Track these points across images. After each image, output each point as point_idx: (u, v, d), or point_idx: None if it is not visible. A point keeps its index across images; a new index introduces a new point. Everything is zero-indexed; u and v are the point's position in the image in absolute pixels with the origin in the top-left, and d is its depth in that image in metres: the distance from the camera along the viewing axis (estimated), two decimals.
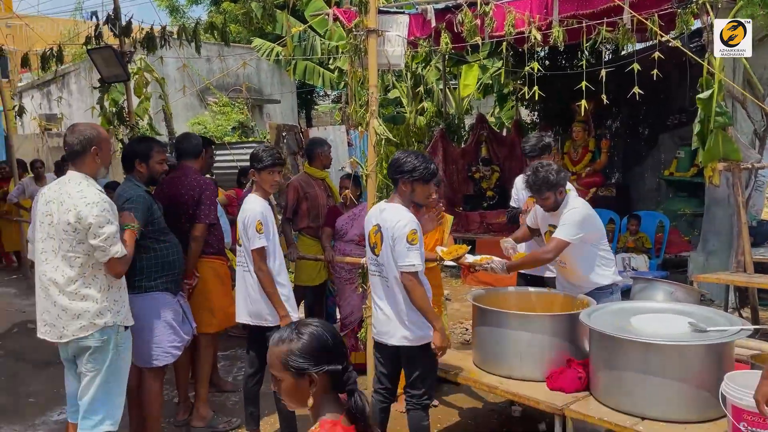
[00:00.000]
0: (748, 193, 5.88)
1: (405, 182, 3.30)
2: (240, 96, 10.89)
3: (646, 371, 2.88)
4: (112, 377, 3.11)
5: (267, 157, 3.72)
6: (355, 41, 4.44)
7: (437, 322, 3.18)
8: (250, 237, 3.62)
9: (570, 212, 3.70)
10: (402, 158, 3.33)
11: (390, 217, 3.26)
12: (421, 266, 3.17)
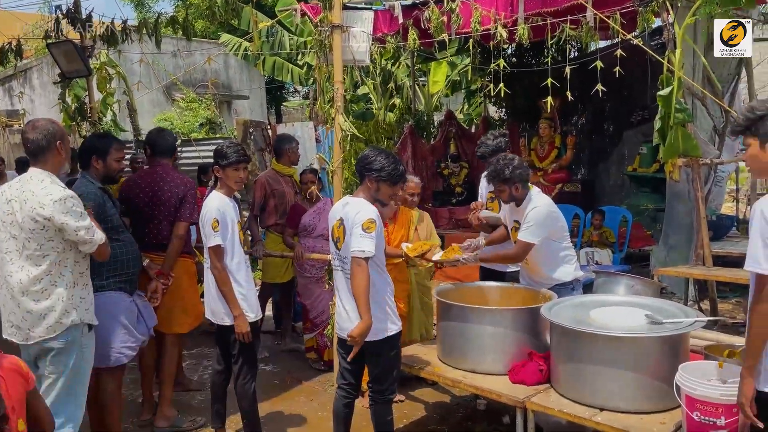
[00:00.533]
0: (708, 188, 6.01)
1: (371, 180, 3.32)
2: (207, 92, 10.76)
3: (604, 363, 2.94)
4: (75, 379, 3.05)
5: (232, 154, 3.67)
6: (320, 37, 4.44)
7: (366, 315, 3.15)
8: (206, 235, 3.59)
9: (533, 211, 3.74)
10: (372, 156, 3.34)
11: (352, 210, 3.28)
12: (371, 253, 3.14)
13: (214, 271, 3.59)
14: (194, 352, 5.68)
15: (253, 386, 3.74)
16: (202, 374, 5.18)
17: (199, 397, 4.69)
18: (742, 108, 6.58)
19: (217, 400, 3.87)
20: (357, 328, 3.16)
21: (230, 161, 3.66)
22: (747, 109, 2.40)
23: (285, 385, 4.95)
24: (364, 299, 3.15)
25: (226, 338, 3.75)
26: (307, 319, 5.28)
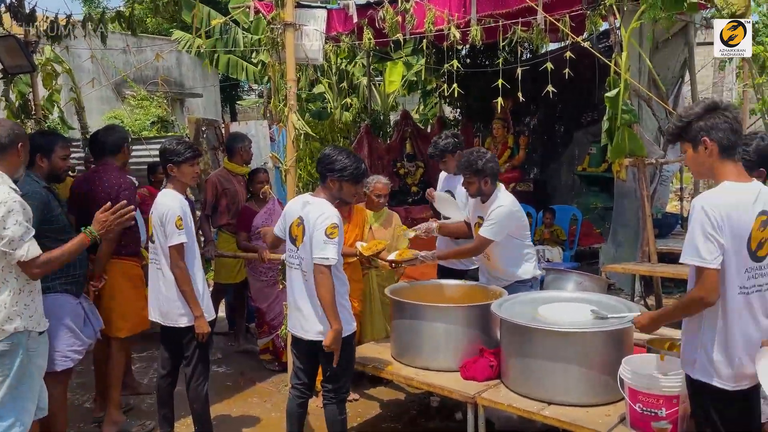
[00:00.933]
0: (654, 187, 6.20)
1: (333, 180, 3.30)
2: (159, 90, 10.53)
3: (551, 358, 3.01)
4: (22, 381, 2.92)
5: (186, 150, 3.63)
6: (273, 35, 4.41)
7: (335, 322, 3.15)
8: (168, 233, 3.51)
9: (497, 210, 3.81)
10: (333, 155, 3.32)
11: (313, 211, 3.26)
12: (335, 260, 3.17)
13: (175, 270, 3.53)
14: (144, 355, 5.57)
15: (205, 388, 3.70)
16: (152, 377, 5.07)
17: (148, 400, 4.59)
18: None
19: (164, 404, 3.80)
20: (328, 337, 3.16)
21: (186, 157, 3.61)
22: (676, 119, 2.51)
23: (238, 387, 4.90)
24: (331, 306, 3.16)
25: (177, 340, 3.68)
26: (263, 323, 5.22)
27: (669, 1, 4.87)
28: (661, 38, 6.01)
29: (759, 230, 2.32)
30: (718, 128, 2.38)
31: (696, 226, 2.33)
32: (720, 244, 2.28)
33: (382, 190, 4.58)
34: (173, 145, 3.65)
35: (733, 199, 2.33)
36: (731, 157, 2.40)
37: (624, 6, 5.39)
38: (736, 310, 2.34)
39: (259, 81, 10.85)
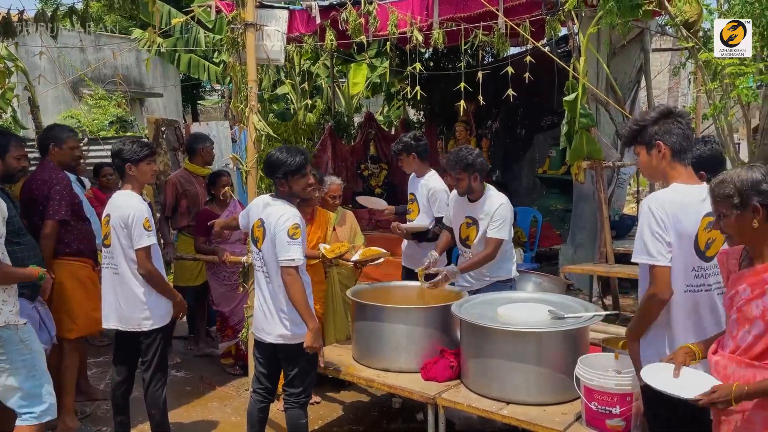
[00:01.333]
0: (611, 190, 6.34)
1: (279, 180, 3.29)
2: (118, 89, 10.30)
3: (509, 358, 3.05)
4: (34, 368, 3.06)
5: (143, 148, 3.57)
6: (233, 35, 4.35)
7: (311, 321, 3.16)
8: (135, 235, 3.44)
9: (501, 208, 3.84)
10: (271, 158, 3.31)
11: (274, 212, 3.24)
12: (301, 261, 3.16)
13: (145, 273, 3.47)
14: (101, 360, 5.44)
15: (164, 393, 3.65)
16: (108, 383, 4.95)
17: (104, 406, 4.49)
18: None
19: (119, 411, 3.72)
20: (308, 338, 3.15)
21: (144, 155, 3.56)
22: (632, 122, 2.59)
23: (198, 391, 4.83)
24: (304, 307, 3.14)
25: (136, 345, 3.62)
26: (226, 327, 5.15)
27: (625, 8, 4.99)
28: (617, 44, 6.15)
29: (705, 231, 2.39)
30: (671, 133, 2.45)
31: (644, 226, 2.39)
32: (667, 242, 2.35)
33: (336, 191, 4.59)
34: (128, 144, 3.58)
35: (679, 198, 2.40)
36: (682, 161, 2.47)
37: (582, 12, 5.51)
38: (683, 308, 2.41)
39: (221, 81, 10.73)
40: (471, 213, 3.97)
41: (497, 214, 3.84)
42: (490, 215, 3.86)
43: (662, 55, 14.29)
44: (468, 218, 3.99)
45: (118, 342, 3.70)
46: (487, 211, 3.88)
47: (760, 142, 5.24)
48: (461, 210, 4.06)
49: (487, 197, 3.93)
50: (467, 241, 4.02)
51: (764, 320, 2.05)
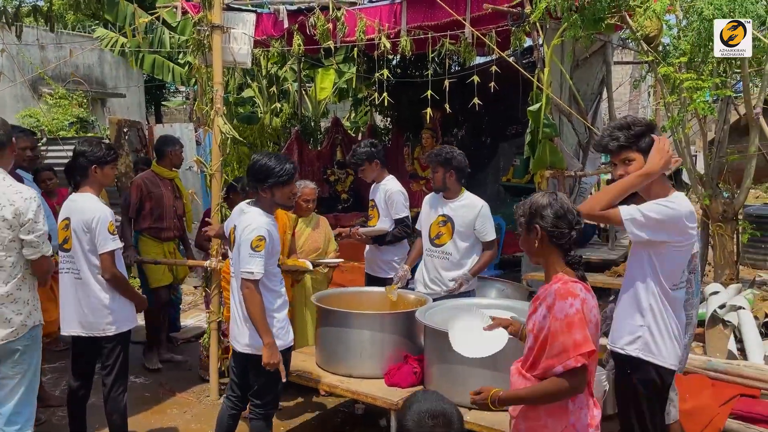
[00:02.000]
0: (573, 199, 6.47)
1: (264, 189, 3.19)
2: (79, 88, 10.06)
3: (472, 363, 3.06)
4: (35, 377, 3.08)
5: (110, 151, 3.54)
6: (200, 37, 4.32)
7: (266, 336, 3.07)
8: (100, 239, 3.37)
9: (485, 209, 4.01)
10: (259, 163, 3.19)
11: (244, 221, 3.18)
12: (260, 274, 3.08)
13: (110, 278, 3.41)
14: (57, 365, 5.30)
15: (125, 399, 3.58)
16: (64, 389, 4.82)
17: (60, 413, 4.37)
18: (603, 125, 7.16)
19: (76, 417, 3.64)
20: (264, 354, 3.07)
21: (110, 158, 3.52)
22: (623, 126, 2.55)
23: (157, 397, 4.74)
24: (259, 321, 3.07)
25: (97, 350, 3.54)
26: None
27: (588, 21, 5.11)
28: (581, 56, 6.28)
29: None
30: None
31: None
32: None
33: (309, 194, 4.55)
34: (95, 146, 3.52)
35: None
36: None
37: (547, 24, 5.62)
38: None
39: (186, 83, 10.59)
40: (446, 211, 4.02)
41: (482, 214, 3.98)
42: (474, 216, 3.95)
43: (624, 68, 14.65)
44: (442, 216, 4.03)
45: (76, 348, 3.61)
46: (467, 211, 3.95)
47: (716, 154, 5.43)
48: (435, 207, 4.09)
49: (465, 198, 4.02)
50: (437, 240, 4.04)
51: (533, 334, 2.18)
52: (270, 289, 3.21)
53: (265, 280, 3.16)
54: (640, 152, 2.51)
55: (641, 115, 16.71)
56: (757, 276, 6.38)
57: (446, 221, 4.00)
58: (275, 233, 3.20)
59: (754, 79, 5.66)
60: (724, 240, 5.22)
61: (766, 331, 4.59)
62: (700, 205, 5.48)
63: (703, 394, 3.64)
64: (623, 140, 2.53)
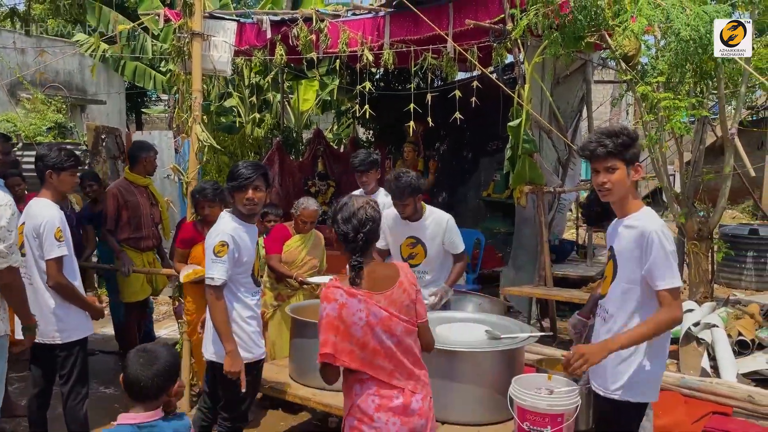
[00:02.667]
0: (552, 215, 6.50)
1: (229, 194, 3.21)
2: (58, 94, 9.93)
3: (444, 377, 3.05)
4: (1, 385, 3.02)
5: (69, 158, 3.45)
6: (179, 44, 4.29)
7: (228, 344, 3.00)
8: (46, 245, 3.30)
9: (450, 221, 3.96)
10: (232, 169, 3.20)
11: (215, 227, 3.16)
12: (221, 280, 3.01)
13: (56, 285, 3.34)
14: (24, 374, 5.16)
15: (84, 408, 3.49)
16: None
17: (25, 423, 4.24)
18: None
19: (36, 426, 3.55)
20: (225, 362, 3.00)
21: (68, 165, 3.44)
22: (612, 133, 2.49)
23: (127, 409, 4.62)
24: (221, 328, 3.00)
25: (52, 358, 3.47)
26: None
27: (568, 40, 5.18)
28: (561, 74, 6.36)
29: None
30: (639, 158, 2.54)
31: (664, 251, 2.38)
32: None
33: (308, 216, 4.56)
34: (54, 151, 3.47)
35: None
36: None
37: (528, 41, 5.68)
38: None
39: (167, 90, 10.52)
40: (413, 233, 3.99)
41: (449, 226, 3.95)
42: (442, 231, 3.92)
43: (605, 88, 14.87)
44: (410, 238, 4.01)
45: (34, 354, 3.54)
46: (435, 228, 3.92)
47: (691, 173, 5.49)
48: (401, 230, 4.06)
49: (430, 215, 3.98)
50: (410, 261, 4.02)
51: None
52: (239, 299, 3.13)
53: (233, 288, 3.10)
54: (624, 162, 2.47)
55: None
56: (731, 295, 6.44)
57: (416, 242, 3.99)
58: (245, 241, 3.12)
59: (730, 100, 5.76)
60: (699, 258, 5.26)
61: (739, 350, 4.63)
62: (675, 223, 5.53)
63: (676, 411, 3.65)
64: (611, 147, 2.46)
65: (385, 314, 2.34)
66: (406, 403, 2.37)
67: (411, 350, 2.43)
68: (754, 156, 9.89)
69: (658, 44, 5.21)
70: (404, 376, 2.40)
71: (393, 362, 2.38)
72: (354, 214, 2.34)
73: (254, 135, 9.19)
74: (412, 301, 2.42)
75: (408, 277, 2.44)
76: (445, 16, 5.84)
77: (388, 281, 2.39)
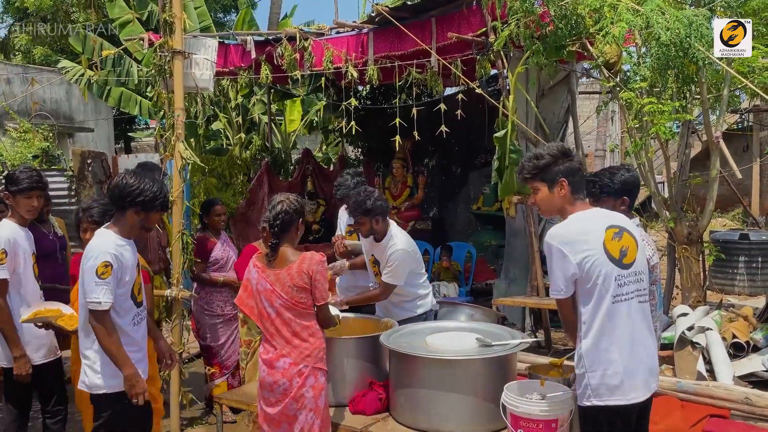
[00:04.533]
0: (542, 225, 6.48)
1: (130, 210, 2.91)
2: (45, 122, 9.91)
3: (436, 386, 2.99)
4: None
5: (24, 179, 3.38)
6: (160, 62, 4.27)
7: (125, 368, 2.81)
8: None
9: (395, 254, 3.74)
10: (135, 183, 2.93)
11: (92, 244, 2.89)
12: (108, 305, 2.77)
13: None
14: None
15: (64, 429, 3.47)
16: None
17: None
18: None
19: None
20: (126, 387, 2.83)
21: (21, 187, 3.38)
22: (533, 157, 2.62)
23: None
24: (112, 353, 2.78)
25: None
26: (214, 364, 4.87)
27: (550, 49, 5.21)
28: (546, 85, 6.38)
29: (613, 240, 2.51)
30: (573, 172, 2.56)
31: (550, 261, 2.52)
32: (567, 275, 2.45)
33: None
34: (16, 173, 3.44)
35: (576, 225, 2.52)
36: (579, 197, 2.59)
37: (510, 52, 5.71)
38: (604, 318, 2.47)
39: (153, 115, 10.54)
40: (375, 253, 3.94)
41: (392, 258, 3.75)
42: (387, 256, 3.78)
43: (591, 101, 14.97)
44: (372, 257, 3.99)
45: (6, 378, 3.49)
46: (388, 254, 3.78)
47: (678, 178, 5.50)
48: (368, 248, 4.04)
49: (389, 238, 3.84)
50: (376, 278, 4.01)
51: None
52: (118, 324, 2.86)
53: (117, 312, 2.86)
54: (545, 183, 2.57)
55: (607, 142, 17.02)
56: (724, 300, 6.42)
57: (375, 263, 3.95)
58: (127, 259, 2.87)
59: (714, 104, 5.80)
60: (690, 262, 5.24)
61: (734, 352, 4.59)
62: (665, 228, 5.52)
63: (673, 416, 3.59)
64: (526, 172, 2.62)
65: (269, 288, 2.97)
66: (273, 359, 2.99)
67: (289, 323, 2.97)
68: (740, 160, 9.94)
69: (639, 51, 5.24)
70: (282, 341, 2.99)
71: (273, 327, 3.01)
72: (274, 207, 3.03)
73: (242, 156, 9.17)
74: (300, 286, 2.93)
75: (303, 266, 2.94)
76: (428, 30, 5.87)
77: (285, 263, 2.97)
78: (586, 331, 2.49)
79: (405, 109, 6.24)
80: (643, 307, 2.56)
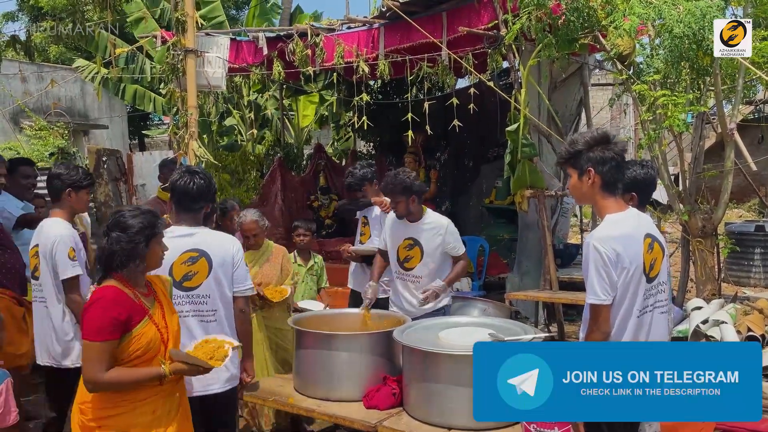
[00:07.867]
0: (555, 219, 6.46)
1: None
2: (60, 120, 10.03)
3: (450, 381, 3.01)
4: None
5: (87, 176, 3.51)
6: (173, 61, 4.32)
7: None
8: (60, 265, 3.29)
9: (450, 226, 3.92)
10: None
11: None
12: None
13: (72, 305, 3.31)
14: (31, 398, 5.15)
15: None
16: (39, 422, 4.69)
17: None
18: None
19: None
20: None
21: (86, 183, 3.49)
22: (569, 143, 2.59)
23: None
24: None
25: (66, 382, 3.44)
26: None
27: (562, 42, 5.18)
28: (558, 78, 6.35)
29: (648, 253, 2.47)
30: (604, 162, 2.46)
31: (590, 265, 2.42)
32: (613, 281, 2.38)
33: (247, 230, 4.17)
34: (72, 169, 3.48)
35: (618, 231, 2.43)
36: (613, 193, 2.50)
37: (522, 45, 5.69)
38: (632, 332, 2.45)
39: (167, 112, 10.63)
40: (412, 234, 3.96)
41: (450, 231, 3.91)
42: (441, 234, 3.89)
43: (605, 94, 14.86)
44: (408, 239, 3.98)
45: (48, 378, 3.53)
46: (434, 231, 3.89)
47: (692, 170, 5.45)
48: (400, 232, 4.03)
49: (429, 218, 3.95)
50: (406, 263, 4.00)
51: None
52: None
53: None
54: (575, 170, 2.52)
55: (623, 135, 16.87)
56: (739, 293, 6.37)
57: (413, 244, 3.95)
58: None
59: (729, 95, 5.73)
60: (704, 255, 5.20)
61: None
62: (679, 221, 5.48)
63: None
64: (561, 156, 2.61)
65: None
66: None
67: None
68: (755, 151, 9.82)
69: (653, 43, 5.20)
70: None
71: None
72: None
73: (255, 152, 9.23)
74: None
75: None
76: (439, 24, 5.87)
77: None
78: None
79: (417, 104, 6.24)
80: (663, 317, 2.54)
